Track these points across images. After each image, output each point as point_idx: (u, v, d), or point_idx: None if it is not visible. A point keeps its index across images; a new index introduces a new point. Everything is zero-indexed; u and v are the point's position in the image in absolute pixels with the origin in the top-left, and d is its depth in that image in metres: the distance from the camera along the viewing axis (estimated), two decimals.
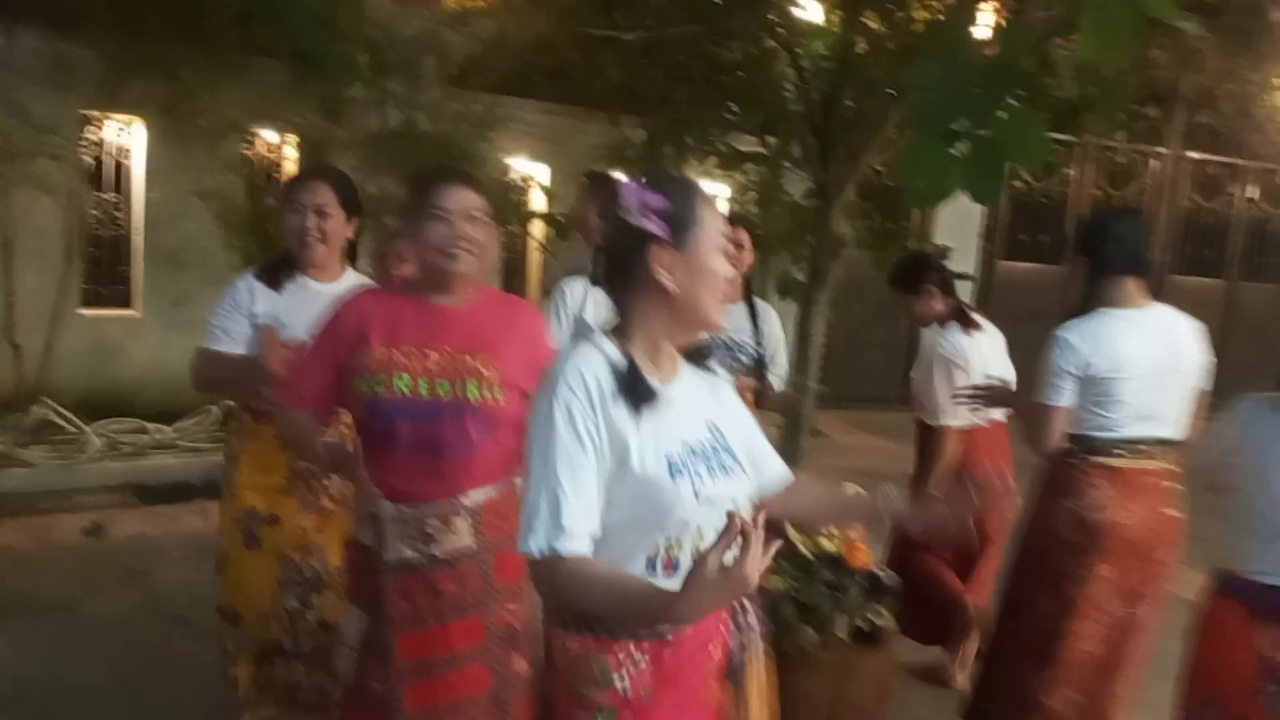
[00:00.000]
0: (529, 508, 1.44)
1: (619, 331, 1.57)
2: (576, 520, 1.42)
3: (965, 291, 8.64)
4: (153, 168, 6.29)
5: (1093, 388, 2.78)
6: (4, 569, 4.29)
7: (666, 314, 1.55)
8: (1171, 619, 2.83)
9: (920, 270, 3.91)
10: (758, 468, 1.73)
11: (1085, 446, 2.83)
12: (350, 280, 2.72)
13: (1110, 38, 1.74)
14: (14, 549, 4.54)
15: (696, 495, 1.50)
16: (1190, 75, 7.81)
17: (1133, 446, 2.81)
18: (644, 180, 1.53)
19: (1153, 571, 2.85)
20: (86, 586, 4.17)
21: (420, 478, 2.02)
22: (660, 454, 1.49)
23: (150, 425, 5.82)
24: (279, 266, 2.70)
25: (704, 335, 1.64)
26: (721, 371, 1.76)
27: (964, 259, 8.14)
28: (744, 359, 3.42)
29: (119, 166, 6.39)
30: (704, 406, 1.65)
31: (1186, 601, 2.49)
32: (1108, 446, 2.81)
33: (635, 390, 1.49)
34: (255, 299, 2.65)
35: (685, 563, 1.50)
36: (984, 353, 3.74)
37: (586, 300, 2.98)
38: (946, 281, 3.90)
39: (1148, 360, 2.77)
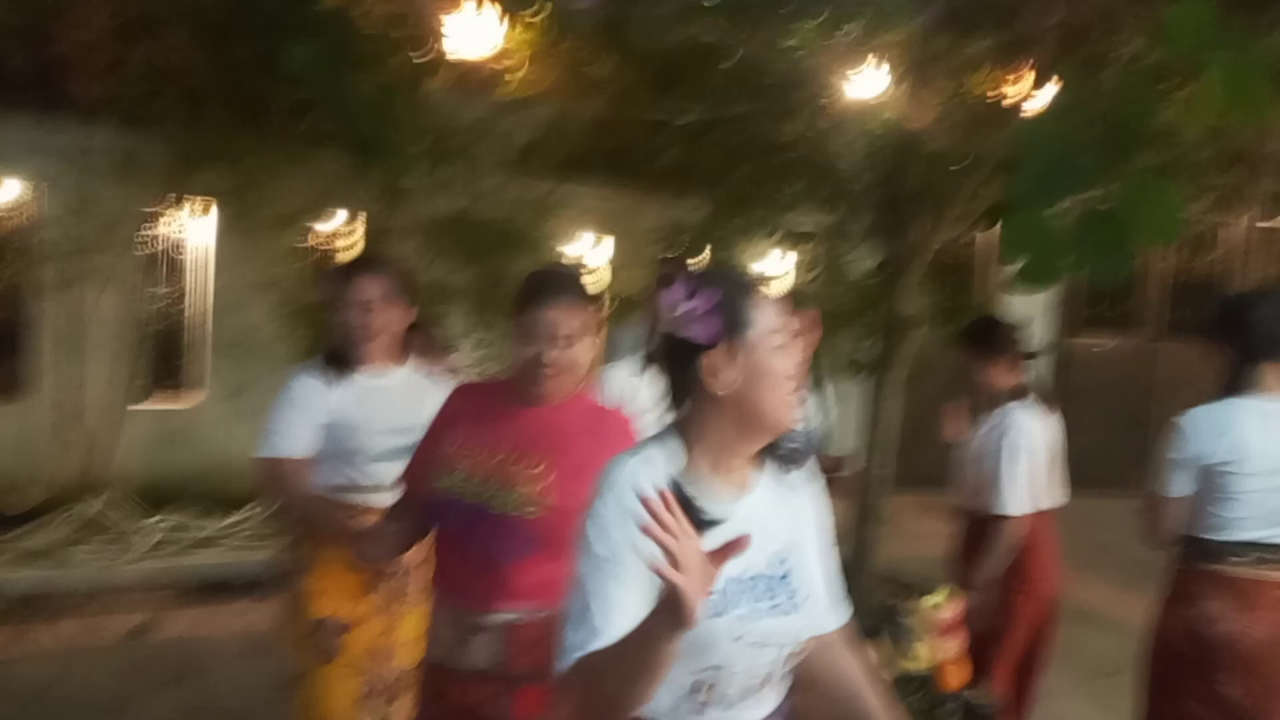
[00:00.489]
0: (564, 620, 1.34)
1: (682, 439, 1.45)
2: (612, 623, 1.28)
3: (1043, 368, 8.35)
4: (218, 257, 6.35)
5: (1210, 481, 2.53)
6: (52, 671, 4.17)
7: (730, 420, 1.43)
8: None
9: (996, 334, 3.59)
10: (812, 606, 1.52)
11: (1199, 550, 2.58)
12: (408, 371, 2.63)
13: (1243, 94, 1.56)
14: (61, 650, 4.44)
15: (740, 638, 1.34)
16: (1272, 139, 7.51)
17: (1255, 553, 2.54)
18: (689, 281, 1.43)
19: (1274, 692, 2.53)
20: (135, 686, 4.02)
21: (462, 582, 1.96)
22: None
23: (204, 522, 5.77)
24: (332, 361, 2.59)
25: (780, 437, 1.49)
26: (811, 476, 1.57)
27: (1041, 334, 7.85)
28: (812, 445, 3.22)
29: (187, 257, 6.47)
30: (775, 530, 1.46)
31: None
32: (1224, 552, 2.55)
33: (687, 513, 1.32)
34: (316, 398, 2.56)
35: (729, 696, 1.39)
36: (1055, 436, 3.48)
37: (626, 385, 2.92)
38: (1020, 354, 3.63)
39: (1277, 456, 2.52)
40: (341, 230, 6.68)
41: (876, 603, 3.74)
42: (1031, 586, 3.34)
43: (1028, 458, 3.30)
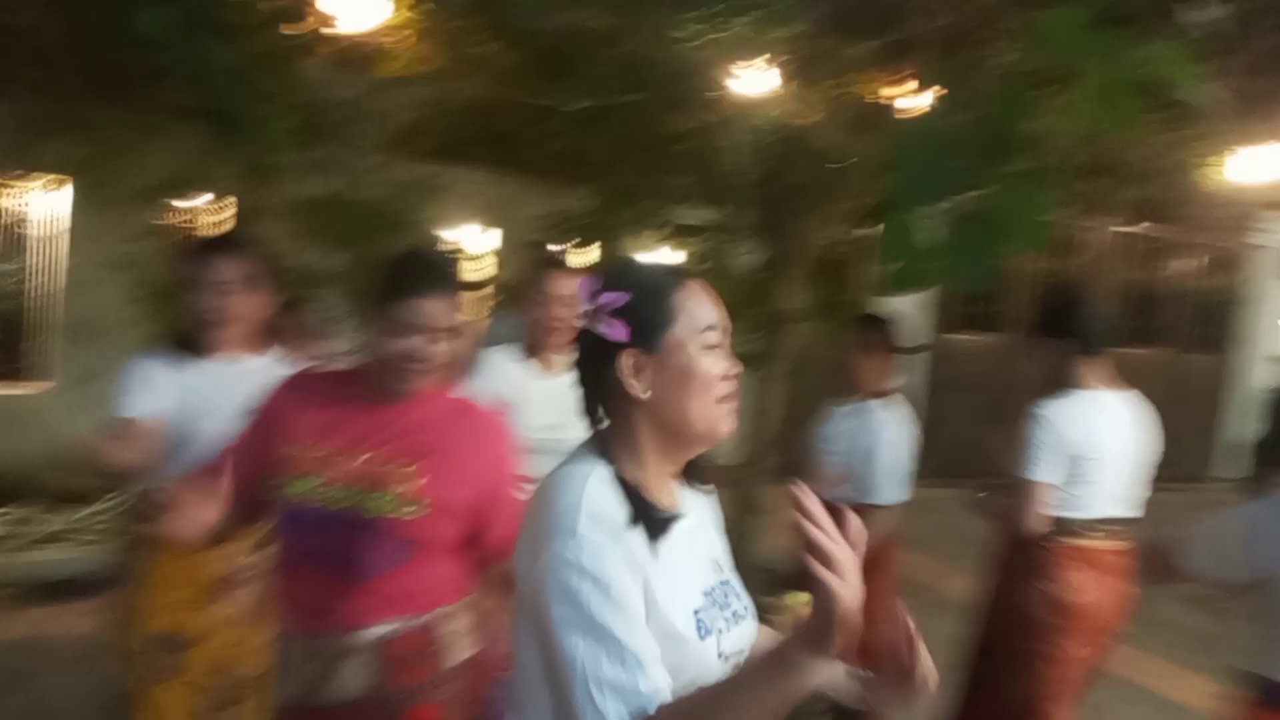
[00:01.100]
0: (583, 682, 1.09)
1: (605, 450, 1.31)
2: (653, 673, 1.10)
3: (918, 363, 8.60)
4: (74, 233, 5.94)
5: (1073, 467, 2.80)
6: None
7: (652, 429, 1.30)
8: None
9: (874, 330, 3.62)
10: None
11: (1060, 528, 2.83)
12: (266, 360, 2.46)
13: (1114, 102, 1.58)
14: None
15: (721, 654, 1.25)
16: (1134, 149, 7.89)
17: (1105, 527, 2.85)
18: (602, 274, 1.32)
19: (1109, 648, 2.94)
20: None
21: (323, 602, 1.76)
22: (686, 605, 1.22)
23: (47, 516, 5.38)
24: (180, 347, 2.47)
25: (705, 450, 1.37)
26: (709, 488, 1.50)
27: (918, 331, 8.06)
28: None
29: (33, 232, 6.03)
30: (709, 539, 1.40)
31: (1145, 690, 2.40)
32: (1083, 528, 2.83)
33: (649, 518, 1.21)
34: (161, 381, 2.40)
35: None
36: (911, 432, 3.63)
37: (507, 373, 2.84)
38: (894, 350, 3.70)
39: (1118, 442, 2.87)
40: (207, 209, 6.33)
41: (753, 597, 3.74)
42: (891, 577, 3.44)
43: (893, 449, 3.46)
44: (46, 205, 6.01)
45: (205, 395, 2.36)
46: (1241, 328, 10.90)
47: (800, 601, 2.90)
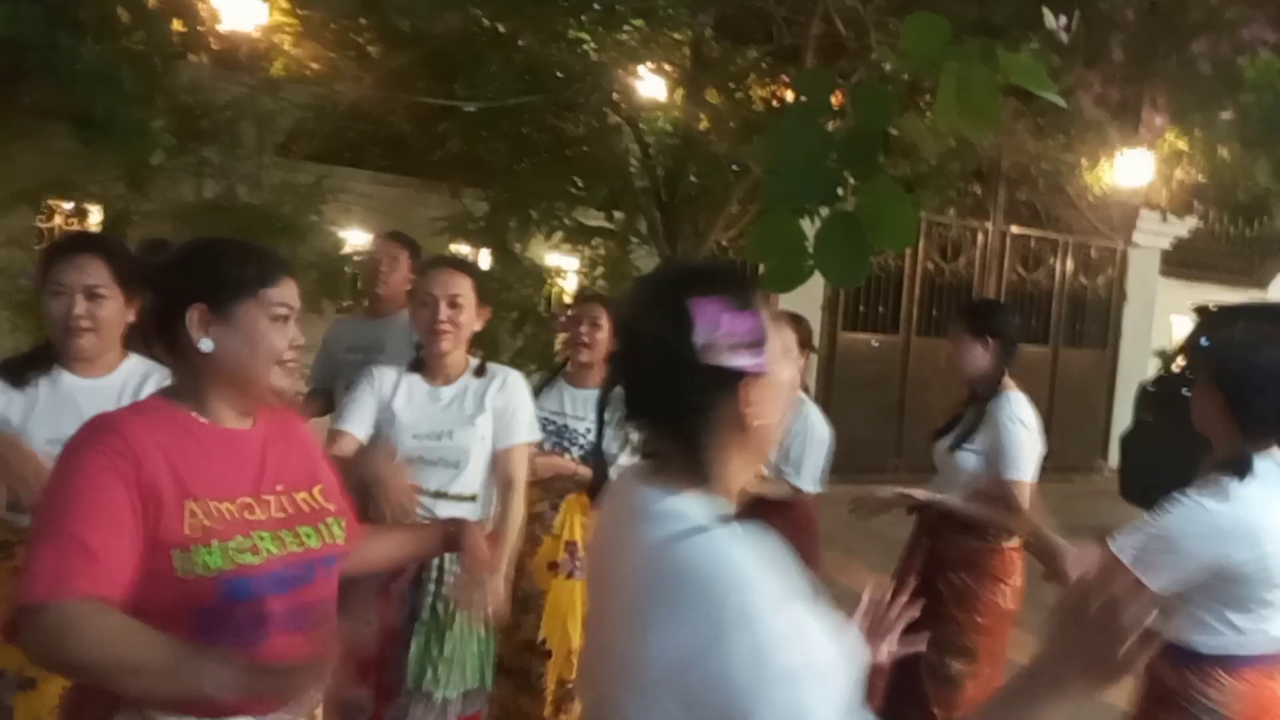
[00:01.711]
0: None
1: (692, 484, 1.14)
2: None
3: (811, 363, 8.78)
4: None
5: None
6: None
7: (742, 454, 1.18)
8: None
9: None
10: None
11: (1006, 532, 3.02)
12: (130, 369, 2.25)
13: (972, 104, 1.63)
14: None
15: None
16: (1010, 154, 8.22)
17: None
18: (724, 297, 1.13)
19: None
20: None
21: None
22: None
23: None
24: (31, 361, 2.21)
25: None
26: None
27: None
28: (577, 447, 3.16)
29: None
30: None
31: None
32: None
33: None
34: None
35: None
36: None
37: (399, 389, 2.64)
38: (806, 348, 3.71)
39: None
40: (79, 214, 6.05)
41: None
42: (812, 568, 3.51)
43: (821, 442, 3.48)
44: None
45: (45, 416, 2.11)
46: (1125, 324, 11.41)
47: None
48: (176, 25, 5.35)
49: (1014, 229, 10.67)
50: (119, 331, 2.23)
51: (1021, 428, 2.91)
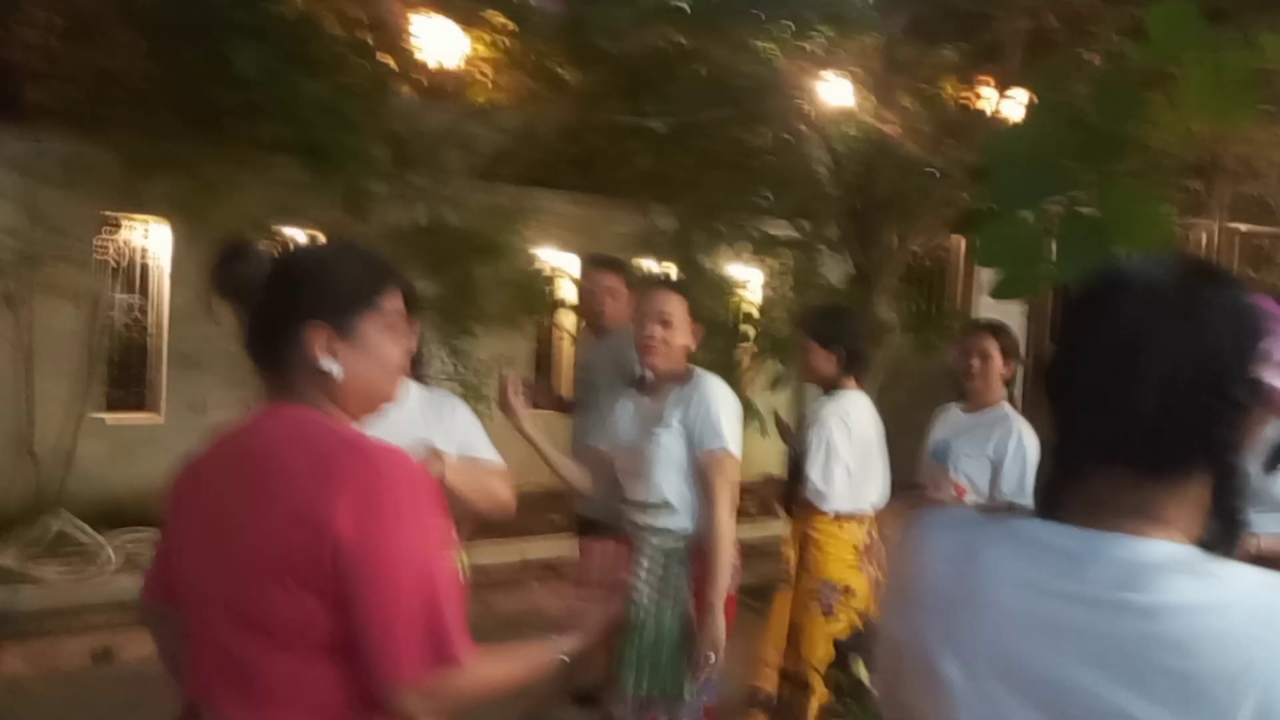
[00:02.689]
0: None
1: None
2: None
3: (1017, 374, 8.36)
4: (176, 268, 6.19)
5: None
6: (11, 697, 4.00)
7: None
8: None
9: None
10: None
11: None
12: (413, 396, 2.19)
13: (1226, 96, 1.50)
14: (22, 674, 4.26)
15: None
16: (1233, 146, 7.57)
17: None
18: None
19: None
20: (97, 712, 3.87)
21: None
22: None
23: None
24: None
25: None
26: None
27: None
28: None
29: (142, 268, 6.31)
30: None
31: None
32: None
33: None
34: None
35: None
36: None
37: (622, 405, 2.80)
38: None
39: None
40: (303, 239, 6.53)
41: None
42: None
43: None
44: (154, 242, 6.30)
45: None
46: None
47: None
48: (388, 60, 5.73)
49: (1240, 226, 9.83)
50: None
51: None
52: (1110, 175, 1.56)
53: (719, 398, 2.67)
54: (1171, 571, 0.89)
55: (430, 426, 2.18)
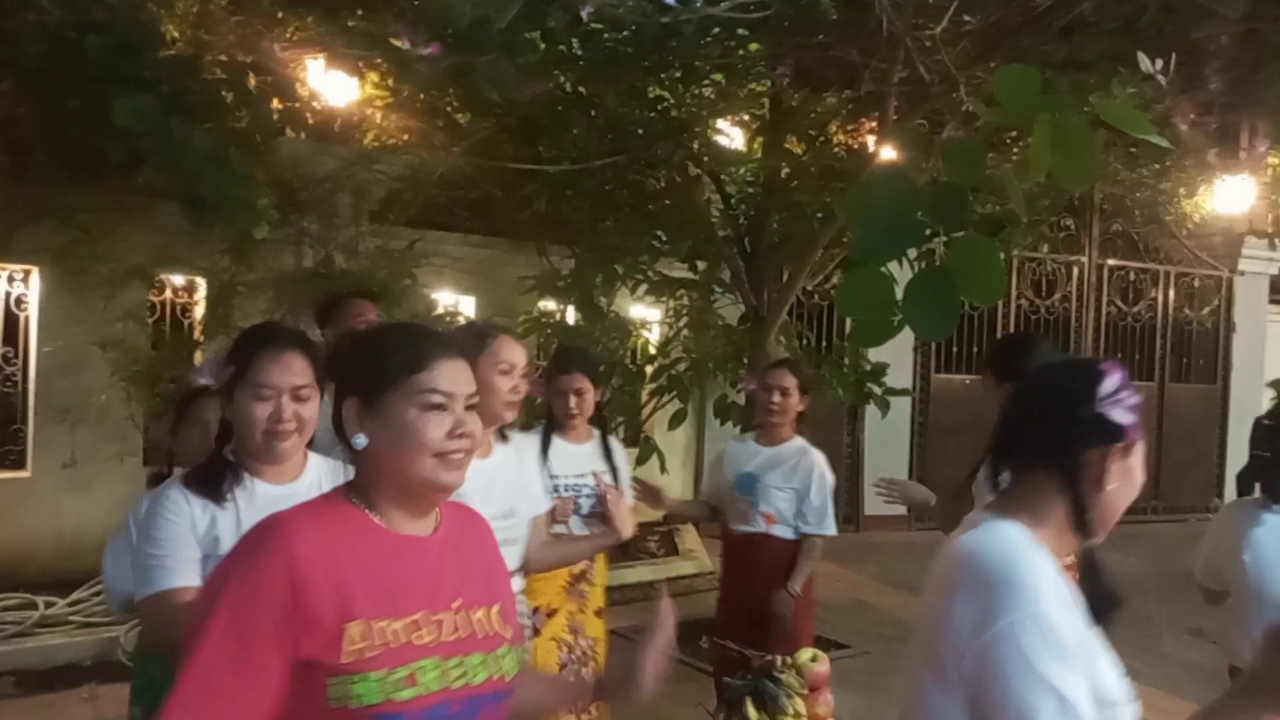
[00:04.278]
0: None
1: (1025, 519, 1.37)
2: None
3: (904, 405, 8.64)
4: (47, 318, 5.92)
5: None
6: None
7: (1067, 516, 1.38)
8: None
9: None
10: None
11: None
12: (315, 470, 2.04)
13: (1067, 154, 1.60)
14: None
15: None
16: (1102, 186, 8.02)
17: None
18: (1118, 373, 1.37)
19: None
20: None
21: None
22: (1113, 669, 1.36)
23: (39, 598, 5.29)
24: (219, 471, 1.97)
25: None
26: None
27: (899, 373, 8.05)
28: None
29: (13, 319, 6.01)
30: None
31: None
32: None
33: (1098, 589, 1.45)
34: (199, 516, 1.92)
35: None
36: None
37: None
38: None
39: None
40: (187, 288, 6.34)
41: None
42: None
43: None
44: (20, 291, 6.01)
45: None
46: (1235, 355, 10.92)
47: (806, 659, 2.90)
48: (276, 103, 5.64)
49: (1111, 261, 10.37)
50: (313, 431, 2.04)
51: None
52: (955, 231, 1.65)
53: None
54: None
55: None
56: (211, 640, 1.23)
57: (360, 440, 1.35)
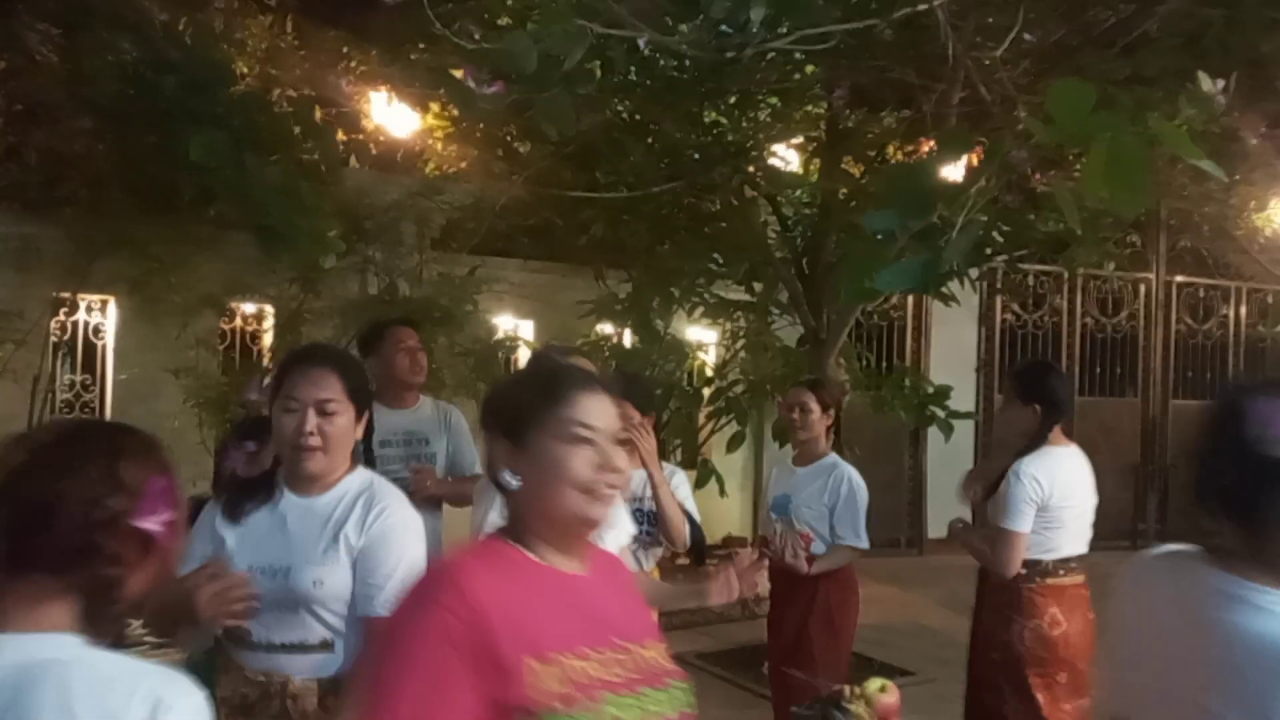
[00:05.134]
0: None
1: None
2: None
3: (967, 425, 8.51)
4: (123, 346, 6.14)
5: (1046, 515, 3.15)
6: None
7: None
8: None
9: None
10: None
11: (1038, 570, 3.18)
12: (348, 485, 2.04)
13: (1121, 176, 1.58)
14: None
15: None
16: (1168, 201, 7.85)
17: (1071, 564, 3.22)
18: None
19: (1087, 674, 3.18)
20: None
21: None
22: None
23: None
24: (256, 488, 2.05)
25: None
26: None
27: (963, 395, 7.94)
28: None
29: (91, 347, 6.25)
30: None
31: None
32: (1056, 568, 3.19)
33: None
34: (217, 527, 2.02)
35: None
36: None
37: None
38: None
39: (1081, 489, 3.25)
40: (257, 315, 6.53)
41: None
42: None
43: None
44: (102, 320, 6.25)
45: (265, 540, 1.99)
46: None
47: (875, 688, 2.87)
48: (341, 136, 5.80)
49: (1179, 278, 10.12)
50: (348, 448, 2.06)
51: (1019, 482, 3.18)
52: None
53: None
54: None
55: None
56: (410, 690, 1.22)
57: (510, 481, 1.37)
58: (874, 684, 2.83)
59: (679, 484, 3.27)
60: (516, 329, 7.30)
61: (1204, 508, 1.39)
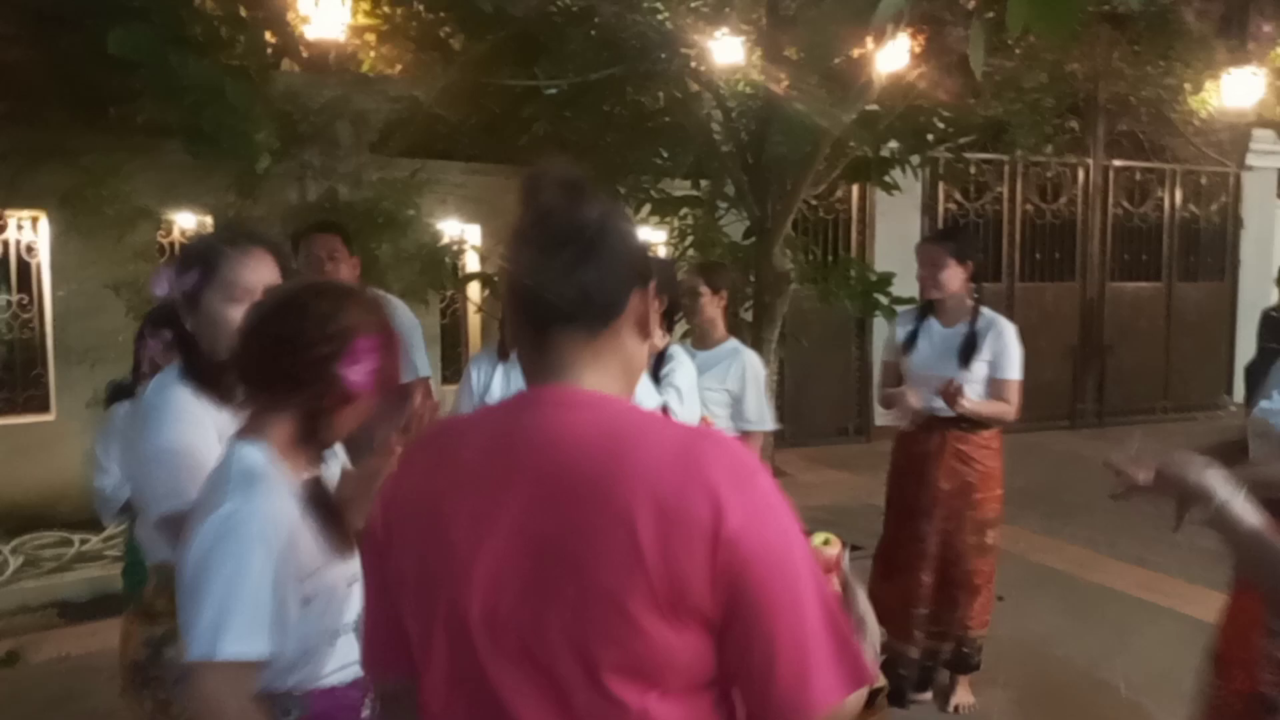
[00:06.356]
0: None
1: None
2: None
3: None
4: (59, 263, 5.97)
5: None
6: None
7: None
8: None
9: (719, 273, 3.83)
10: None
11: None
12: None
13: (1048, 8, 1.59)
14: None
15: None
16: (1107, 85, 7.91)
17: None
18: None
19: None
20: (13, 713, 3.80)
21: None
22: None
23: (75, 536, 5.45)
24: (222, 370, 1.78)
25: None
26: None
27: (906, 283, 8.05)
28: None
29: (25, 266, 6.07)
30: None
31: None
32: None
33: None
34: (216, 418, 1.81)
35: None
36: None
37: (495, 379, 2.86)
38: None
39: None
40: (197, 226, 6.37)
41: None
42: None
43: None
44: (30, 238, 6.05)
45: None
46: (1244, 252, 10.85)
47: (819, 542, 2.99)
48: (269, 36, 5.59)
49: (1116, 162, 10.26)
50: None
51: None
52: None
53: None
54: None
55: None
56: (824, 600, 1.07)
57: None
58: (818, 538, 2.97)
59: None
60: (463, 233, 7.22)
61: None
